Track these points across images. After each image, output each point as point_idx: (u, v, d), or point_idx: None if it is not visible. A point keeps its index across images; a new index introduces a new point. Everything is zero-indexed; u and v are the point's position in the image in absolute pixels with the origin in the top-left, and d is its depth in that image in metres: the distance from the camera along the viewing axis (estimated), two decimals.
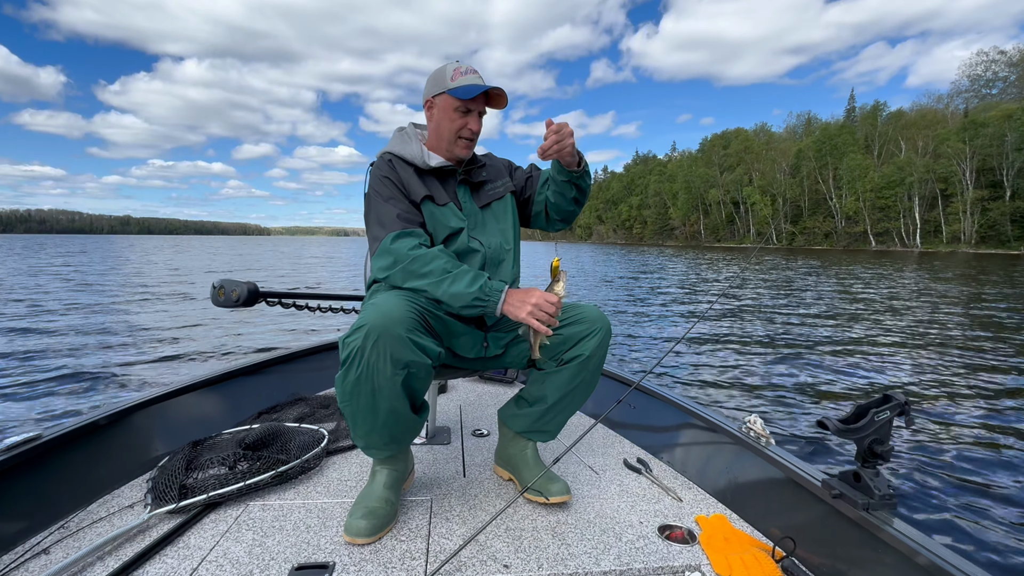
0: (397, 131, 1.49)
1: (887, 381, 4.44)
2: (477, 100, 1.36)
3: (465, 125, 1.37)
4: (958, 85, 63.64)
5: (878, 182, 57.47)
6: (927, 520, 2.15)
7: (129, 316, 8.00)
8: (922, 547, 0.93)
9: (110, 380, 4.35)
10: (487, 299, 1.20)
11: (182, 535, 1.19)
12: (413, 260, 1.23)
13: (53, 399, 3.81)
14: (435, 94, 1.37)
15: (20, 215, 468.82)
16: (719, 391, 4.19)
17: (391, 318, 1.11)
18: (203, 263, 23.75)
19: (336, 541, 1.18)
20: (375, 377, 1.12)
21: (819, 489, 1.14)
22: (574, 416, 2.12)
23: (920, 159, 55.14)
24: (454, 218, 1.37)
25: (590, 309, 1.40)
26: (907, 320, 7.80)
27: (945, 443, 3.01)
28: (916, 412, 3.47)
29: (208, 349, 5.72)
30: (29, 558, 1.10)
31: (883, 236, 58.50)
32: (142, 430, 1.60)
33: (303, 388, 2.24)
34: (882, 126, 64.06)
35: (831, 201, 63.49)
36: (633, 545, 1.20)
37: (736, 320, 7.99)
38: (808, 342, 6.18)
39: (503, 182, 1.52)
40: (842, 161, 60.68)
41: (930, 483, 2.50)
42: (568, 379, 1.36)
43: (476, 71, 1.37)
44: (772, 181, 70.20)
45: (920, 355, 5.51)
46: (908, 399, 1.03)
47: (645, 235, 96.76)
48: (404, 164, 1.40)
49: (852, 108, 73.83)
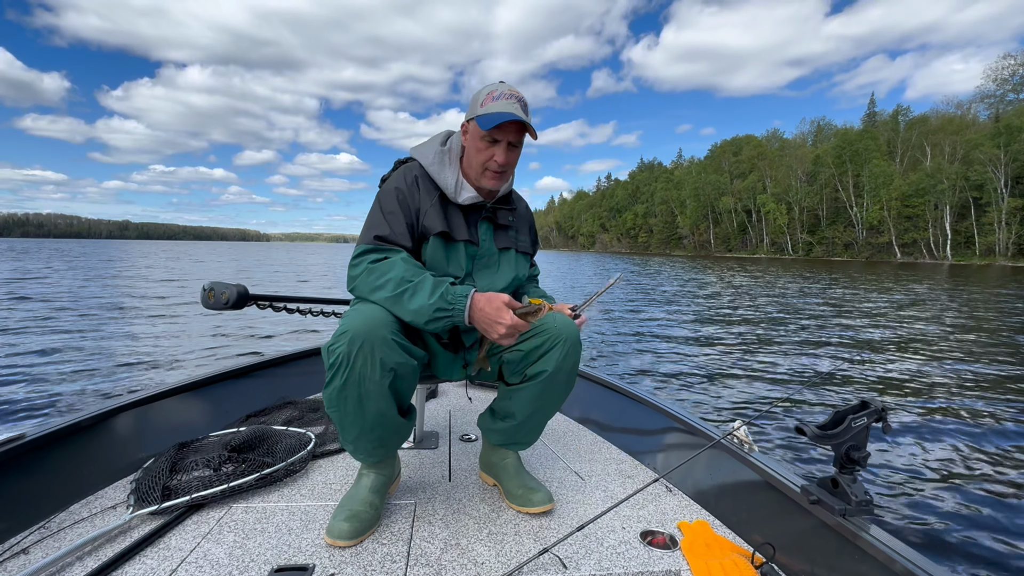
0: (440, 145, 1.40)
1: (871, 388, 4.57)
2: (505, 130, 1.27)
3: (491, 157, 1.30)
4: (983, 89, 63.21)
5: (905, 190, 56.47)
6: (904, 526, 2.20)
7: (117, 318, 8.15)
8: (898, 553, 0.96)
9: (97, 381, 4.44)
10: (451, 307, 1.16)
11: (163, 536, 1.23)
12: (370, 272, 1.22)
13: (38, 399, 3.90)
14: (469, 119, 1.33)
15: (18, 219, 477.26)
16: (706, 397, 4.30)
17: (374, 322, 1.14)
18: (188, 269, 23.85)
19: (317, 543, 1.22)
20: (362, 382, 1.14)
21: (798, 495, 1.18)
22: (562, 421, 2.18)
23: (950, 165, 54.03)
24: (455, 263, 1.33)
25: (553, 319, 1.33)
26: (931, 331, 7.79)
27: (923, 450, 3.11)
28: (894, 419, 3.64)
29: (197, 351, 5.81)
30: (8, 558, 1.13)
31: (910, 247, 57.43)
32: (127, 432, 1.65)
33: (292, 392, 2.30)
34: (904, 132, 63.64)
35: (852, 210, 62.89)
36: (614, 550, 1.23)
37: (731, 325, 8.10)
38: (810, 349, 6.24)
39: (524, 239, 1.50)
40: (864, 168, 60.13)
41: (908, 489, 2.57)
42: (534, 396, 1.34)
43: (514, 95, 1.28)
44: (787, 188, 69.74)
45: (907, 361, 5.66)
46: (885, 406, 1.07)
47: (651, 244, 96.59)
48: (432, 187, 1.35)
49: (873, 113, 73.48)
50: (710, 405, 4.09)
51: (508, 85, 1.32)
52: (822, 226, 66.44)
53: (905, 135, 63.17)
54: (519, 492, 1.42)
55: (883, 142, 63.69)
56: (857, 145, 62.26)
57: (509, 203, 1.47)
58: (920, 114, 65.07)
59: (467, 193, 1.35)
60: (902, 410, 3.94)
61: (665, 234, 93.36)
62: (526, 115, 1.29)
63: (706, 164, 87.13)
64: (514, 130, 1.28)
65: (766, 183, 73.12)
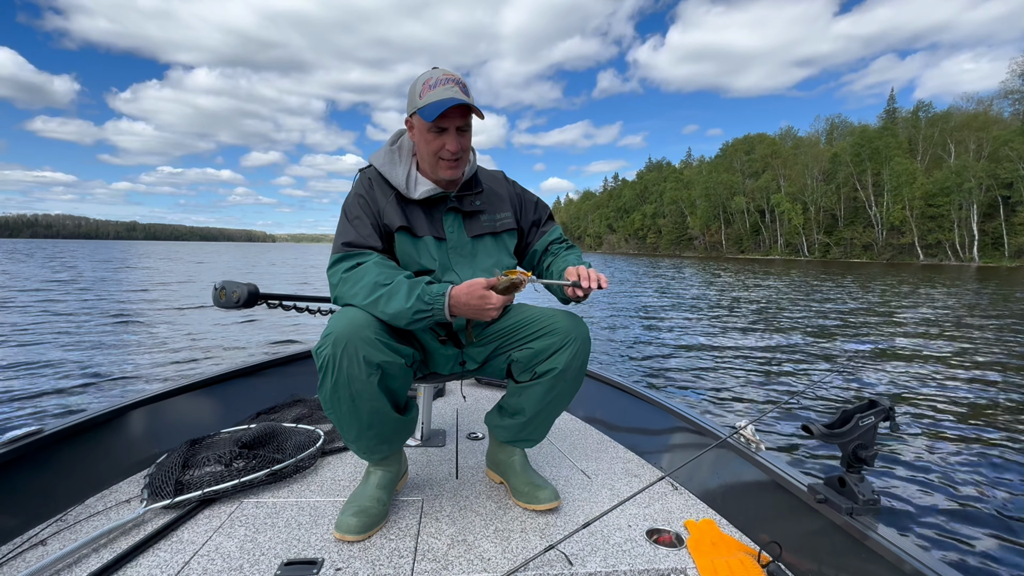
0: (389, 144, 1.41)
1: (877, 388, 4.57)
2: (450, 116, 1.25)
3: (442, 146, 1.28)
4: (1007, 85, 61.96)
5: (929, 188, 55.05)
6: (912, 526, 2.21)
7: (133, 316, 8.33)
8: (906, 553, 0.97)
9: (112, 378, 4.59)
10: (429, 308, 1.18)
11: (176, 530, 1.28)
12: (344, 281, 1.24)
13: (56, 395, 4.04)
14: (410, 113, 1.31)
15: (27, 220, 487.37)
16: (714, 396, 4.32)
17: (357, 323, 1.18)
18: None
19: (326, 538, 1.26)
20: (351, 382, 1.18)
21: (804, 494, 1.20)
22: (568, 420, 2.21)
23: (976, 162, 52.44)
24: (426, 255, 1.34)
25: (564, 319, 1.35)
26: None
27: (931, 449, 3.11)
28: (902, 418, 3.68)
29: (208, 349, 5.96)
30: (26, 549, 1.18)
31: (933, 249, 56.05)
32: (141, 428, 1.71)
33: (301, 390, 2.35)
34: (926, 128, 62.53)
35: (871, 210, 61.91)
36: (620, 548, 1.26)
37: (738, 324, 8.10)
38: (818, 351, 6.20)
39: (503, 216, 1.46)
40: (885, 166, 59.15)
41: (915, 489, 2.57)
42: (543, 393, 1.36)
43: (451, 78, 1.26)
44: (802, 188, 68.83)
45: (919, 361, 5.66)
46: (893, 405, 1.08)
47: (661, 245, 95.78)
48: (387, 186, 1.36)
49: (892, 109, 72.25)
50: (716, 404, 4.11)
51: (443, 69, 1.29)
52: (839, 227, 65.45)
53: (927, 132, 61.95)
54: (526, 489, 1.45)
55: (904, 139, 62.63)
56: (877, 142, 61.17)
57: (475, 187, 1.44)
58: (943, 110, 63.85)
59: (423, 187, 1.35)
60: (911, 409, 3.95)
61: (675, 235, 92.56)
62: (467, 96, 1.26)
63: (717, 163, 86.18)
64: (459, 114, 1.26)
65: (780, 182, 72.17)
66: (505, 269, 1.38)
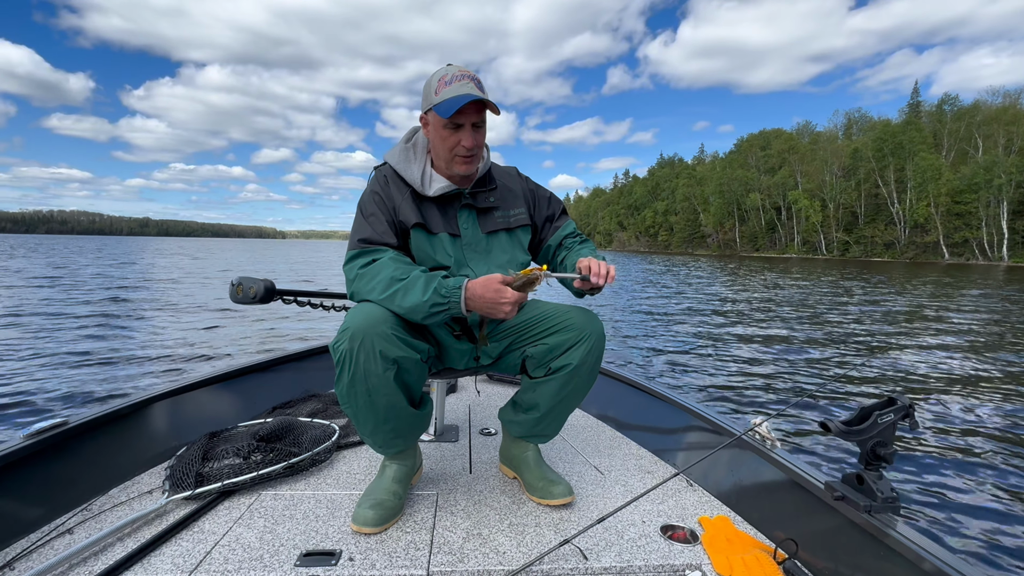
0: (403, 141, 1.45)
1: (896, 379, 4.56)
2: (466, 112, 1.28)
3: (458, 143, 1.31)
4: None
5: (956, 184, 53.32)
6: (931, 523, 2.19)
7: (151, 311, 8.52)
8: (927, 551, 0.97)
9: (134, 371, 4.74)
10: (445, 301, 1.20)
11: (197, 520, 1.32)
12: (360, 277, 1.27)
13: (80, 387, 4.17)
14: (426, 110, 1.34)
15: (43, 216, 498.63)
16: (728, 393, 4.31)
17: (373, 318, 1.20)
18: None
19: (344, 530, 1.29)
20: (368, 377, 1.21)
21: (822, 492, 1.20)
22: (581, 417, 2.23)
23: (1007, 157, 50.74)
24: (441, 252, 1.36)
25: (579, 315, 1.38)
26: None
27: (952, 447, 3.09)
28: (921, 415, 3.66)
29: (226, 343, 6.11)
30: (54, 537, 1.24)
31: (959, 247, 54.39)
32: (162, 420, 1.76)
33: (317, 385, 2.40)
34: (951, 123, 60.92)
35: (894, 207, 60.56)
36: (635, 543, 1.27)
37: (753, 321, 8.03)
38: (830, 346, 6.16)
39: (517, 212, 1.48)
40: (908, 161, 57.71)
41: (936, 488, 2.55)
42: (558, 388, 1.38)
43: (466, 75, 1.29)
44: (821, 184, 67.53)
45: (940, 359, 5.60)
46: (912, 402, 1.08)
47: (673, 242, 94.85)
48: (402, 184, 1.38)
49: (916, 103, 70.44)
50: (731, 402, 4.10)
51: (457, 66, 1.31)
52: (860, 224, 64.17)
53: (952, 126, 60.35)
54: (540, 484, 1.47)
55: (928, 134, 61.09)
56: (900, 137, 59.73)
57: (489, 183, 1.46)
58: (970, 104, 62.15)
59: (438, 184, 1.37)
60: (931, 407, 3.91)
61: (687, 232, 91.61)
62: (483, 92, 1.29)
63: (731, 160, 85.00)
64: (475, 110, 1.29)
65: (797, 178, 70.93)
66: (520, 268, 1.40)
